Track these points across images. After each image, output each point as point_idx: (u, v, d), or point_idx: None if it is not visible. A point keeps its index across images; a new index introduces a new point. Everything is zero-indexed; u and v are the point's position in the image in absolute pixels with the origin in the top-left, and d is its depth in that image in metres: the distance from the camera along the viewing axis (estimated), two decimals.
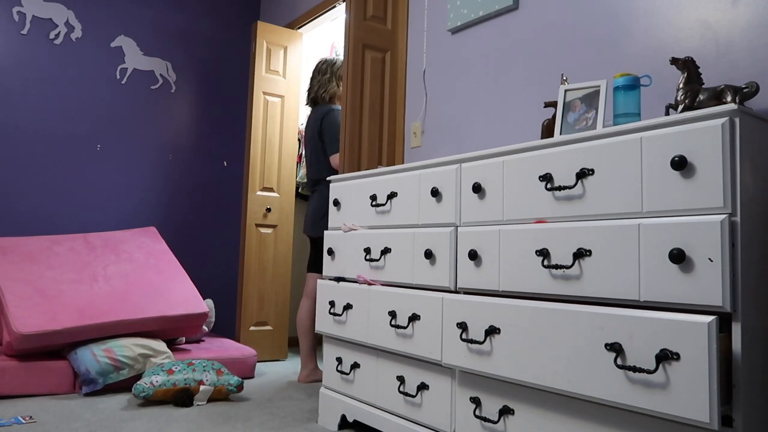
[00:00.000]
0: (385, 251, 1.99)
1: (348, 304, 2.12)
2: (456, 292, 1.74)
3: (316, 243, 3.13)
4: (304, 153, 3.62)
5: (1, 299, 2.74)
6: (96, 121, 3.76)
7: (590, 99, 1.69)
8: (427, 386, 1.80)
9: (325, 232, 2.33)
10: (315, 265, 3.13)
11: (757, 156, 1.22)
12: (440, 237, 1.78)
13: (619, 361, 1.22)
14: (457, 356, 1.64)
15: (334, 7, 3.56)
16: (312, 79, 3.28)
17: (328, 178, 2.44)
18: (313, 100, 3.26)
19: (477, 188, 1.67)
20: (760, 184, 1.22)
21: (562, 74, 1.87)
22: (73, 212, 3.66)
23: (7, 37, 3.49)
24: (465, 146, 2.56)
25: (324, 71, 3.25)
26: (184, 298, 3.06)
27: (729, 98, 1.37)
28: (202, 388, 2.54)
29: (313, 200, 3.15)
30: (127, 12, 3.88)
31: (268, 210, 3.85)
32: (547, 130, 1.87)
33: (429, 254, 1.79)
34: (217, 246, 4.18)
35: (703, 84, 1.50)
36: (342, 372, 2.16)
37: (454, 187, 1.77)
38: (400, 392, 1.88)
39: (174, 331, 3.05)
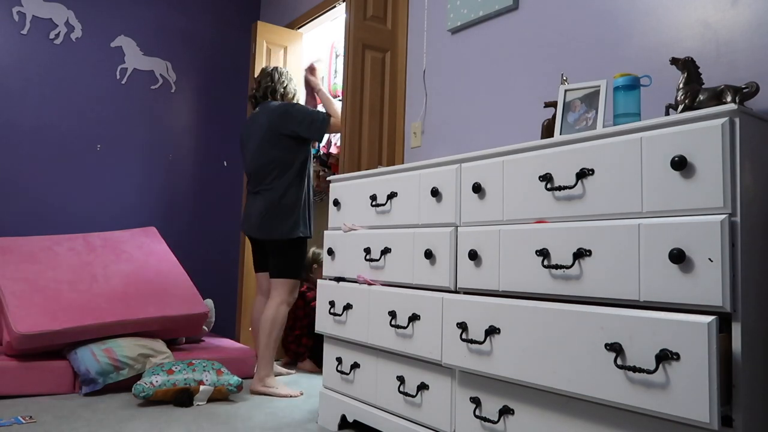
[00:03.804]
0: (385, 251, 1.99)
1: (348, 304, 2.12)
2: (456, 292, 1.74)
3: (263, 244, 3.04)
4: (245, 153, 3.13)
5: (1, 299, 2.74)
6: (96, 121, 3.76)
7: (590, 99, 1.69)
8: (427, 386, 1.80)
9: (325, 232, 2.32)
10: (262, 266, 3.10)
11: (757, 156, 1.22)
12: (440, 237, 1.78)
13: (619, 361, 1.22)
14: (457, 356, 1.64)
15: (334, 7, 3.56)
16: (267, 77, 3.12)
17: (328, 179, 2.43)
18: (263, 96, 3.10)
19: (477, 188, 1.67)
20: (760, 184, 1.22)
21: (562, 74, 1.87)
22: (73, 212, 3.66)
23: (7, 37, 3.49)
24: (465, 146, 2.56)
25: (281, 74, 3.13)
26: (184, 298, 3.05)
27: (729, 98, 1.37)
28: (202, 388, 2.54)
29: (261, 201, 2.94)
30: (127, 12, 3.88)
31: None
32: (547, 130, 1.87)
33: (429, 254, 1.79)
34: (217, 246, 4.18)
35: (703, 84, 1.50)
36: (342, 372, 2.16)
37: (454, 187, 1.77)
38: (400, 392, 1.88)
39: (174, 331, 3.05)
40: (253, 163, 3.00)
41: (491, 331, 1.52)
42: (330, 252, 2.28)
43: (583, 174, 1.40)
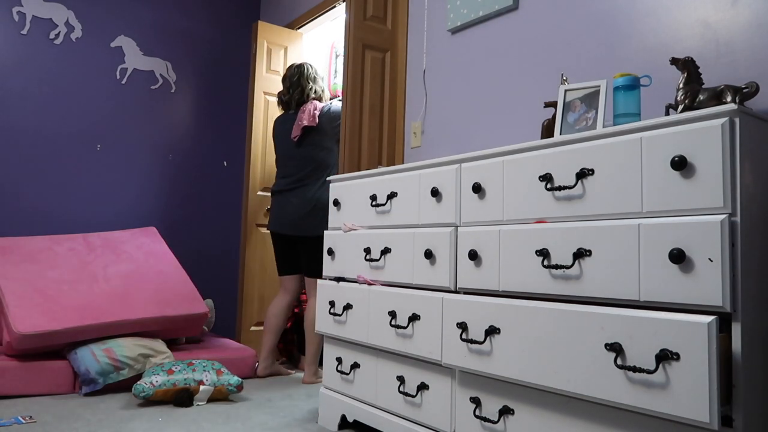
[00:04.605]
0: (385, 251, 1.99)
1: (348, 304, 2.12)
2: (456, 292, 1.74)
3: (294, 244, 3.15)
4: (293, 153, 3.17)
5: (1, 299, 2.74)
6: (96, 121, 3.76)
7: (590, 99, 1.69)
8: (427, 386, 1.80)
9: (326, 232, 2.32)
10: (295, 267, 3.19)
11: (757, 156, 1.22)
12: (440, 237, 1.78)
13: (619, 361, 1.22)
14: (457, 356, 1.64)
15: (334, 7, 3.56)
16: (304, 79, 3.24)
17: (329, 179, 2.43)
18: (305, 99, 3.22)
19: (477, 188, 1.67)
20: (760, 184, 1.22)
21: (562, 74, 1.87)
22: (73, 212, 3.66)
23: (7, 37, 3.49)
24: (465, 146, 2.56)
25: (317, 73, 3.30)
26: (184, 298, 3.05)
27: (729, 98, 1.37)
28: (202, 388, 2.54)
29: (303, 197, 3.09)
30: (127, 12, 3.88)
31: (269, 210, 3.85)
32: (547, 130, 1.87)
33: (429, 254, 1.79)
34: (217, 246, 4.18)
35: (703, 84, 1.50)
36: (342, 372, 2.16)
37: (454, 187, 1.77)
38: (400, 392, 1.88)
39: (174, 331, 3.05)
40: (291, 162, 3.14)
41: (491, 331, 1.52)
42: (330, 252, 2.28)
43: (583, 174, 1.40)
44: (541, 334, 1.39)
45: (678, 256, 1.17)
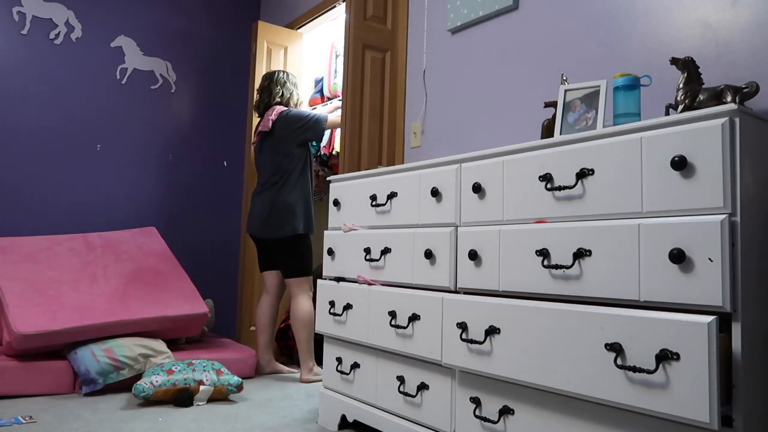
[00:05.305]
0: (385, 251, 1.99)
1: (348, 304, 2.12)
2: (456, 292, 1.74)
3: (266, 244, 3.18)
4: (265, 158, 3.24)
5: (1, 299, 2.74)
6: (96, 121, 3.76)
7: (590, 99, 1.69)
8: (427, 386, 1.80)
9: (325, 232, 2.33)
10: (269, 265, 3.24)
11: (757, 156, 1.22)
12: (440, 237, 1.78)
13: (619, 361, 1.22)
14: (457, 356, 1.64)
15: (334, 7, 3.56)
16: (274, 84, 3.27)
17: (328, 179, 2.43)
18: (268, 105, 3.26)
19: (477, 188, 1.67)
20: (760, 184, 1.22)
21: (562, 74, 1.87)
22: (73, 212, 3.66)
23: (7, 37, 3.49)
24: (465, 146, 2.56)
25: (288, 79, 3.31)
26: (184, 298, 3.05)
27: (729, 98, 1.37)
28: (202, 388, 2.54)
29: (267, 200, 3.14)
30: (127, 12, 3.88)
31: None
32: (547, 130, 1.87)
33: (429, 254, 1.79)
34: (217, 246, 4.18)
35: (703, 84, 1.50)
36: (342, 372, 2.16)
37: (454, 187, 1.77)
38: (400, 392, 1.88)
39: (174, 331, 3.05)
40: (257, 167, 3.24)
41: (491, 331, 1.52)
42: (330, 252, 2.28)
43: (583, 174, 1.40)
44: (541, 334, 1.39)
45: (678, 256, 1.17)
